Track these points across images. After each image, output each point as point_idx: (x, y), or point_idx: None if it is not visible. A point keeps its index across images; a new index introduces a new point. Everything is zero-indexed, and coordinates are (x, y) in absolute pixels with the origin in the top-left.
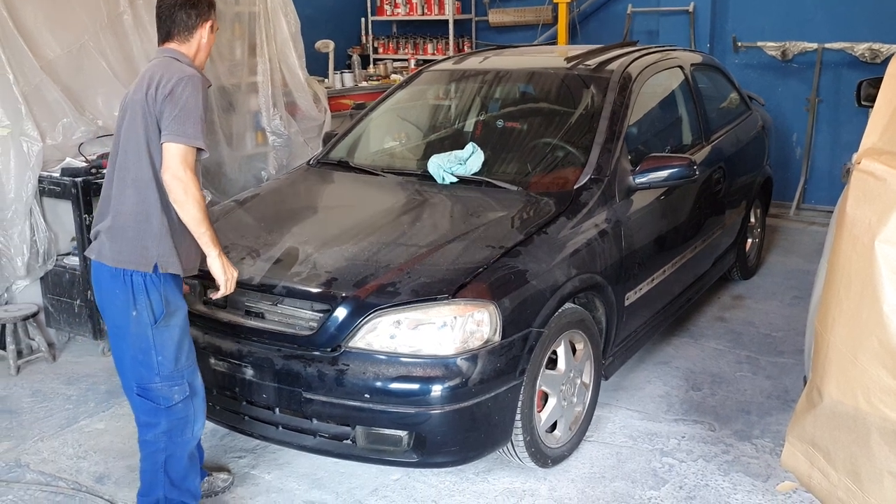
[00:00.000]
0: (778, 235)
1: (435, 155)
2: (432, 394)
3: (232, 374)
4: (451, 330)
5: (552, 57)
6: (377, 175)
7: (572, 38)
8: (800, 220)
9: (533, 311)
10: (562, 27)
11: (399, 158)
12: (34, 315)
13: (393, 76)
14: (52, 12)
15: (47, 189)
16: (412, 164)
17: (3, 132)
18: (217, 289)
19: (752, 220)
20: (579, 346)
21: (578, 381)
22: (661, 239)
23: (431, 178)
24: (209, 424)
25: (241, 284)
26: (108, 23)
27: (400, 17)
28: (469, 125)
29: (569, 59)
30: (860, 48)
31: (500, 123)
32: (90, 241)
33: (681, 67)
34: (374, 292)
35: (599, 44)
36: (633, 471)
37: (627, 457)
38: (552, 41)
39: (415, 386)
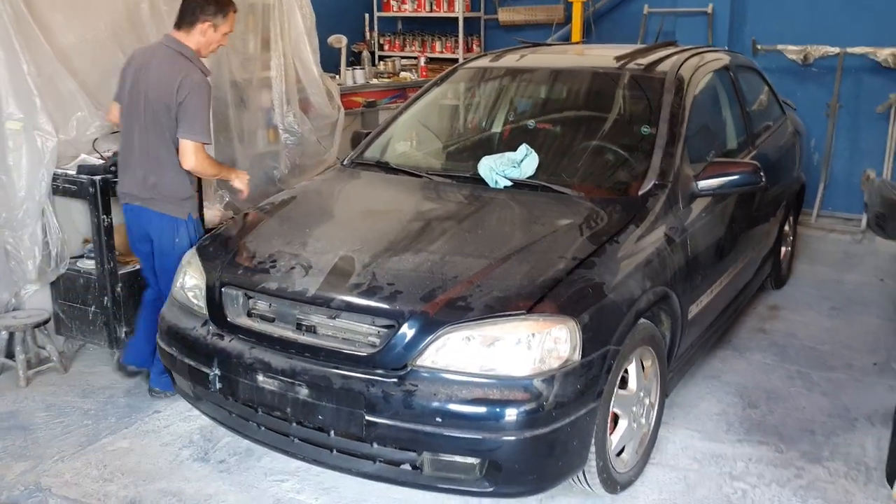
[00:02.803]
0: (799, 243)
1: (486, 157)
2: (507, 418)
3: (282, 394)
4: (528, 348)
5: (596, 56)
6: (422, 177)
7: (586, 38)
8: (819, 228)
9: (611, 328)
10: (576, 26)
11: (442, 159)
12: (45, 322)
13: (402, 74)
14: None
15: (61, 188)
16: (459, 165)
17: (15, 126)
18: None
19: (786, 227)
20: (647, 364)
21: (647, 401)
22: (720, 248)
23: (481, 180)
24: (242, 444)
25: (293, 297)
26: (124, 13)
27: (407, 14)
28: (515, 126)
29: (618, 59)
30: (883, 53)
31: (532, 125)
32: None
33: (727, 68)
34: (444, 307)
35: (614, 43)
36: (706, 497)
37: (696, 481)
38: (566, 41)
39: (488, 409)
